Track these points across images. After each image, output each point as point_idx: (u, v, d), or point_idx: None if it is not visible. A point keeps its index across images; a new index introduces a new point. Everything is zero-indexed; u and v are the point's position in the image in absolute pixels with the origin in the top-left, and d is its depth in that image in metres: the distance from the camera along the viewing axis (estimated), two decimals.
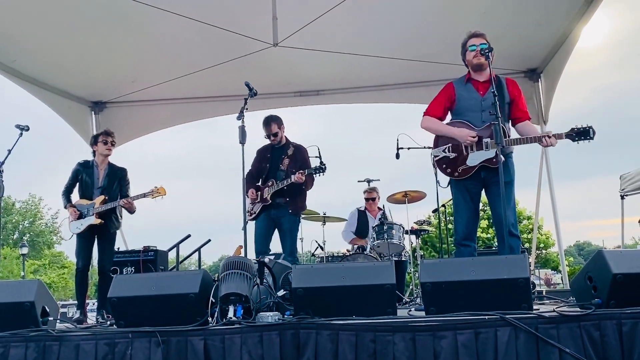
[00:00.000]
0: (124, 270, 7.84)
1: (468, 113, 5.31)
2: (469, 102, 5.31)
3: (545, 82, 9.07)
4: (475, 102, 5.28)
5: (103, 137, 6.90)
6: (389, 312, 4.02)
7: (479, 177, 5.22)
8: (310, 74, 9.30)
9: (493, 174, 5.07)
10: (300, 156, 7.00)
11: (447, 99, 5.41)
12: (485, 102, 5.16)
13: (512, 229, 5.01)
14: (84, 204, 6.74)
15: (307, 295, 4.12)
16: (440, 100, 5.45)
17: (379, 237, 7.94)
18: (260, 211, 6.96)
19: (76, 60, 8.44)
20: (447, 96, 5.42)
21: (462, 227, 5.30)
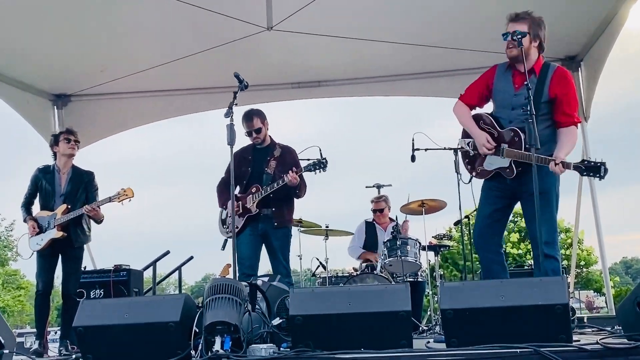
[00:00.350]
0: (92, 293, 7.83)
1: (500, 109, 5.37)
2: (502, 95, 5.35)
3: (587, 71, 9.07)
4: (507, 96, 5.30)
5: (65, 135, 6.93)
6: (404, 344, 4.02)
7: (505, 182, 5.26)
8: (311, 63, 9.32)
9: (524, 182, 5.10)
10: (289, 158, 6.86)
11: (485, 87, 5.45)
12: (516, 99, 5.18)
13: (547, 249, 4.98)
14: (45, 216, 6.75)
15: (307, 325, 4.12)
16: (478, 86, 5.49)
17: (392, 253, 7.94)
18: (243, 225, 6.78)
19: (35, 46, 8.43)
20: (485, 84, 5.45)
21: (476, 234, 5.51)
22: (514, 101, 5.23)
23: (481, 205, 5.47)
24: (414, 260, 7.93)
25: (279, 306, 5.09)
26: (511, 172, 5.12)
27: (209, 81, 9.63)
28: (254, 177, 6.82)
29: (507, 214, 5.53)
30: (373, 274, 7.97)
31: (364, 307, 4.12)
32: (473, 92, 5.50)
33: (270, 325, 4.66)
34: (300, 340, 4.10)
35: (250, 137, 6.90)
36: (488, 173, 5.32)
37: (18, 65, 8.95)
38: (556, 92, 5.19)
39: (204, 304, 4.30)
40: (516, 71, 5.27)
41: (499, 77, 5.37)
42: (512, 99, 5.25)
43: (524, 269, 9.18)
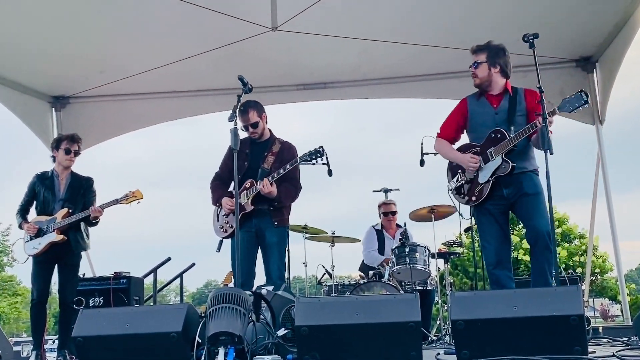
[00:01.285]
0: (91, 301, 7.84)
1: (482, 129, 5.75)
2: (482, 117, 5.79)
3: (602, 73, 9.06)
4: (488, 116, 5.75)
5: (67, 143, 6.90)
6: (413, 356, 4.02)
7: (501, 195, 5.61)
8: (316, 64, 9.33)
9: (516, 190, 5.54)
10: (289, 155, 6.61)
11: (461, 117, 5.93)
12: (498, 116, 5.68)
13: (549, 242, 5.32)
14: (43, 220, 6.76)
15: (313, 335, 4.12)
16: (453, 120, 5.99)
17: (400, 261, 7.93)
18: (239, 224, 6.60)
19: (32, 47, 8.45)
20: (460, 114, 5.93)
21: (491, 254, 5.68)
22: (496, 118, 5.68)
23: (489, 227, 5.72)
24: (423, 268, 7.91)
25: (284, 316, 5.09)
26: (507, 165, 5.47)
27: (212, 83, 9.65)
28: (250, 172, 6.59)
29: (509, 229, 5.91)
30: (381, 282, 7.95)
31: (372, 317, 4.12)
32: (450, 126, 5.98)
33: (275, 335, 4.66)
34: (306, 351, 4.10)
35: (247, 132, 6.69)
36: (487, 187, 5.60)
37: (15, 66, 8.96)
38: (531, 104, 5.58)
39: (207, 314, 4.31)
40: (489, 95, 5.80)
41: (474, 104, 5.87)
42: (495, 117, 5.70)
43: None
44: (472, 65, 5.79)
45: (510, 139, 5.45)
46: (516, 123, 5.56)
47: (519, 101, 5.69)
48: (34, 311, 6.71)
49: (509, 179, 5.53)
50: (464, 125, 5.92)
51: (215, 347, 4.13)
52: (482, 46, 5.80)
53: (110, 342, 4.25)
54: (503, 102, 5.68)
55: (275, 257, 6.56)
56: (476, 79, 5.79)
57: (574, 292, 3.97)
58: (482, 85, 5.78)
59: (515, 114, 5.62)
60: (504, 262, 5.65)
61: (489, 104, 5.77)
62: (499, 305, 3.97)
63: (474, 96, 5.91)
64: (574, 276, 8.95)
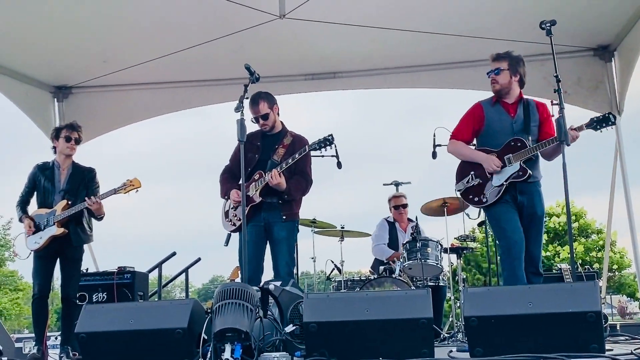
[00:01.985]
0: (94, 296, 7.86)
1: (500, 136, 6.04)
2: (500, 124, 6.09)
3: (620, 62, 9.01)
4: (506, 124, 6.06)
5: (66, 131, 6.94)
6: (425, 353, 4.03)
7: (515, 199, 5.91)
8: (325, 53, 9.30)
9: (530, 202, 5.88)
10: (300, 147, 6.54)
11: (477, 121, 6.20)
12: (516, 125, 6.01)
13: (540, 268, 5.80)
14: (43, 213, 6.78)
15: (322, 332, 4.13)
16: (469, 123, 6.25)
17: (411, 256, 7.93)
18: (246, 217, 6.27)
19: (34, 36, 8.46)
20: (477, 118, 6.20)
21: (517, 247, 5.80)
22: (515, 127, 6.01)
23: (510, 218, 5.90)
24: (435, 263, 7.91)
25: (292, 312, 5.10)
26: (524, 172, 5.78)
27: (218, 73, 9.64)
28: (259, 165, 6.58)
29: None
30: (391, 277, 7.95)
31: (383, 314, 4.13)
32: (466, 130, 6.26)
33: (283, 332, 4.68)
34: (314, 348, 4.12)
35: (258, 124, 6.68)
36: (499, 190, 5.89)
37: (16, 56, 8.97)
38: (544, 116, 6.08)
39: (213, 310, 4.32)
40: (504, 102, 6.13)
41: (489, 111, 6.16)
42: (513, 125, 6.02)
43: (553, 272, 9.12)
44: (494, 71, 6.06)
45: (531, 148, 5.77)
46: (532, 132, 5.93)
47: (532, 112, 6.04)
48: (35, 306, 6.74)
49: (524, 187, 5.86)
50: (479, 130, 6.19)
51: (221, 344, 4.15)
52: (503, 54, 6.11)
53: (114, 339, 4.28)
54: (519, 111, 6.02)
55: (283, 252, 6.55)
56: (497, 85, 6.06)
57: (590, 288, 3.97)
58: (502, 92, 6.08)
59: (531, 124, 5.98)
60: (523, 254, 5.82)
61: (506, 112, 6.08)
62: (513, 301, 3.97)
63: (489, 102, 6.20)
64: (591, 272, 8.91)
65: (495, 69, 6.06)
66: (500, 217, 5.99)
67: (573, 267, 5.57)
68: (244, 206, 5.62)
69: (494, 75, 6.06)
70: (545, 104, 6.17)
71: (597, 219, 38.62)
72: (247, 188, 6.38)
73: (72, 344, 6.40)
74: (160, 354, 4.17)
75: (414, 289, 7.01)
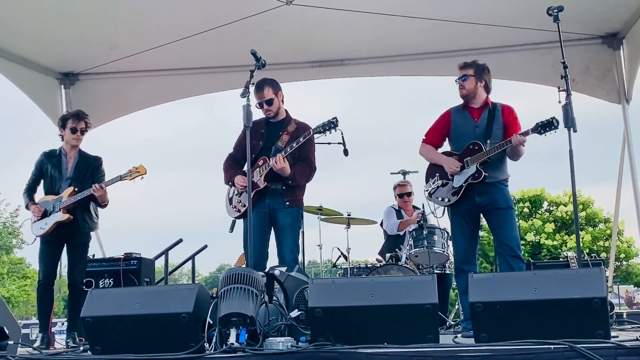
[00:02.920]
0: (101, 282, 7.90)
1: (462, 139, 6.43)
2: (464, 128, 6.48)
3: (629, 50, 8.97)
4: (469, 128, 6.44)
5: (73, 122, 6.93)
6: (430, 339, 4.04)
7: (474, 201, 6.29)
8: (332, 40, 9.28)
9: (488, 200, 6.25)
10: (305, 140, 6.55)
11: (444, 126, 6.62)
12: (478, 129, 6.39)
13: (518, 252, 6.14)
14: (49, 200, 6.80)
15: (328, 317, 4.14)
16: (437, 127, 6.67)
17: (417, 244, 7.94)
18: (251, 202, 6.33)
19: (41, 22, 8.45)
20: (445, 123, 6.62)
21: (460, 252, 6.40)
22: (477, 131, 6.38)
23: (459, 228, 6.41)
24: (441, 251, 7.93)
25: (297, 298, 5.11)
26: (479, 174, 6.16)
27: (225, 59, 9.62)
28: (264, 152, 6.62)
29: (478, 230, 6.66)
30: (398, 265, 7.98)
31: (388, 299, 4.14)
32: (435, 134, 6.67)
33: (288, 317, 4.69)
34: (319, 333, 4.12)
35: (262, 109, 6.72)
36: (459, 191, 6.30)
37: (23, 42, 8.98)
38: (509, 120, 6.40)
39: (219, 295, 4.33)
40: (471, 108, 6.49)
41: (456, 116, 6.56)
42: (475, 129, 6.39)
43: (559, 261, 9.11)
44: (461, 78, 6.42)
45: (486, 151, 6.17)
46: (493, 136, 6.29)
47: (497, 115, 6.40)
48: (40, 292, 6.77)
49: (482, 188, 6.24)
50: (447, 134, 6.61)
51: (226, 329, 4.16)
52: (470, 63, 6.49)
53: (120, 323, 4.29)
54: (483, 116, 6.40)
55: (288, 239, 6.59)
56: (463, 90, 6.42)
57: (596, 274, 3.96)
58: (468, 97, 6.44)
59: (493, 128, 6.33)
60: (471, 259, 6.33)
61: (470, 117, 6.47)
62: (519, 287, 3.97)
63: (458, 108, 6.58)
64: (597, 260, 8.91)
65: (463, 75, 6.41)
66: (452, 223, 6.50)
67: (579, 255, 5.55)
68: (249, 191, 5.63)
69: (461, 81, 6.42)
70: (511, 108, 6.50)
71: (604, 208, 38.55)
72: (252, 174, 6.38)
73: (79, 330, 6.44)
74: (166, 338, 4.17)
75: (420, 275, 7.02)
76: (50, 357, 4.54)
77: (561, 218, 37.89)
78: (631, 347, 3.55)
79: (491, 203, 6.24)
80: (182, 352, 4.06)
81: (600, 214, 38.30)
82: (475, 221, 6.44)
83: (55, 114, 9.53)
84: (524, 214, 37.79)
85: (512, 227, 6.26)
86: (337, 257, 8.98)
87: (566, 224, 37.67)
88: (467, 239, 6.38)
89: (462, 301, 6.44)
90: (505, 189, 6.37)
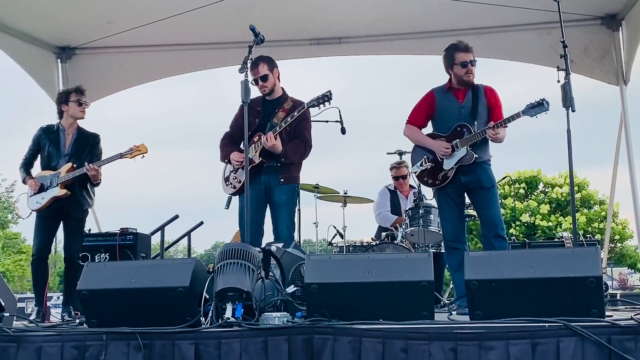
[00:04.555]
0: (97, 257, 7.90)
1: (448, 121, 6.45)
2: (449, 110, 6.49)
3: (628, 31, 8.94)
4: (455, 110, 6.45)
5: (76, 95, 6.91)
6: (425, 315, 4.05)
7: (459, 181, 6.35)
8: (331, 17, 9.24)
9: (473, 179, 6.31)
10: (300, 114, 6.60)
11: (429, 107, 6.60)
12: (464, 110, 6.40)
13: (501, 231, 6.23)
14: (47, 175, 6.79)
15: (323, 293, 4.15)
16: (422, 109, 6.63)
17: (413, 223, 7.95)
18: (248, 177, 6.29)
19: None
20: (429, 105, 6.59)
21: (449, 232, 6.47)
22: (462, 112, 6.39)
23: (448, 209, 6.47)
24: (437, 230, 7.93)
25: (293, 273, 5.12)
26: (471, 157, 6.20)
27: (222, 35, 9.59)
28: (259, 128, 6.65)
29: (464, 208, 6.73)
30: (393, 244, 7.99)
31: (384, 276, 4.15)
32: (419, 115, 6.63)
33: (285, 293, 4.70)
34: (315, 309, 4.14)
35: (257, 86, 6.73)
36: (449, 173, 6.33)
37: (20, 15, 8.92)
38: (492, 102, 6.45)
39: (215, 269, 4.35)
40: (455, 89, 6.47)
41: (441, 97, 6.53)
42: (461, 110, 6.40)
43: (554, 241, 9.14)
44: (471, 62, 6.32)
45: (475, 134, 6.20)
46: (480, 116, 6.32)
47: (480, 97, 6.40)
48: (34, 267, 6.77)
49: (467, 168, 6.27)
50: (432, 115, 6.59)
51: (223, 303, 4.18)
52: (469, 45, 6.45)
53: (116, 296, 4.29)
54: (467, 97, 6.39)
55: (284, 216, 6.63)
56: (471, 76, 6.36)
57: (592, 253, 3.97)
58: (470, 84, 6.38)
59: (479, 109, 6.35)
60: (461, 237, 6.42)
61: (455, 98, 6.45)
62: (515, 265, 3.98)
63: (441, 89, 6.54)
64: (592, 240, 8.92)
65: (474, 59, 6.36)
66: (439, 204, 6.62)
67: (575, 235, 5.59)
68: (247, 167, 5.65)
69: (471, 66, 6.34)
70: (493, 90, 6.50)
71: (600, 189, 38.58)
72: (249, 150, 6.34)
73: (74, 304, 6.45)
74: (162, 312, 4.18)
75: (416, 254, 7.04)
76: (46, 329, 4.54)
77: (556, 199, 37.91)
78: (625, 326, 3.57)
79: (476, 182, 6.31)
80: (178, 326, 4.08)
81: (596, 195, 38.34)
82: (461, 200, 6.52)
83: (52, 88, 9.51)
84: (519, 194, 37.83)
85: (495, 207, 6.34)
86: (332, 235, 8.98)
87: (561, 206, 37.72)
88: (455, 218, 6.44)
89: (454, 279, 6.44)
90: (489, 168, 6.44)
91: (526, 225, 36.47)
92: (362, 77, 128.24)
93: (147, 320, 4.15)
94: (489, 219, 6.26)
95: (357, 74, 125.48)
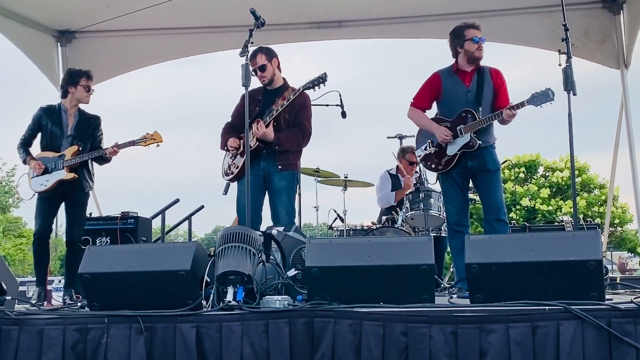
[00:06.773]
0: (97, 241, 7.92)
1: (454, 105, 6.38)
2: (455, 93, 6.41)
3: (629, 15, 8.90)
4: (461, 93, 6.37)
5: (85, 80, 6.88)
6: (426, 299, 4.06)
7: (465, 166, 6.32)
8: (331, 1, 9.22)
9: (480, 162, 6.28)
10: (299, 101, 6.69)
11: (434, 90, 6.52)
12: (470, 94, 6.33)
13: (502, 215, 6.23)
14: (50, 157, 6.77)
15: (324, 277, 4.16)
16: (426, 91, 6.57)
17: (414, 207, 7.95)
18: (243, 166, 6.38)
19: None
20: (434, 88, 6.52)
21: (453, 215, 6.47)
22: (469, 96, 6.31)
23: (452, 192, 6.45)
24: (437, 214, 7.93)
25: (294, 257, 5.13)
26: (475, 143, 6.15)
27: (223, 19, 9.55)
28: (259, 116, 6.68)
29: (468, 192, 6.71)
30: (394, 227, 7.99)
31: (385, 259, 4.15)
32: (424, 97, 6.57)
33: (285, 276, 4.71)
34: (316, 292, 4.15)
35: (257, 76, 6.76)
36: (454, 158, 6.29)
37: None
38: (498, 84, 6.39)
39: (216, 253, 4.35)
40: (462, 71, 6.40)
41: (447, 80, 6.45)
42: (467, 94, 6.32)
43: (554, 225, 9.14)
44: (482, 39, 6.25)
45: (480, 120, 6.14)
46: (484, 101, 6.26)
47: (486, 79, 6.34)
48: (35, 247, 6.78)
49: (474, 153, 6.22)
50: (437, 98, 6.53)
51: (224, 287, 4.20)
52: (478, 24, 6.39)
53: (117, 279, 4.31)
54: (474, 80, 6.32)
55: (283, 201, 6.66)
56: (481, 52, 6.29)
57: (592, 237, 3.98)
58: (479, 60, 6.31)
59: (484, 93, 6.28)
60: (464, 220, 6.42)
61: (461, 81, 6.38)
62: (515, 249, 3.98)
63: (448, 72, 6.48)
64: (593, 224, 8.93)
65: (483, 36, 6.26)
66: (444, 189, 6.59)
67: (576, 219, 5.59)
68: (247, 153, 5.65)
69: (482, 43, 6.27)
70: (499, 71, 6.44)
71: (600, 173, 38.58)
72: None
73: (76, 287, 6.46)
74: (163, 296, 4.19)
75: (417, 237, 7.05)
76: (48, 312, 4.55)
77: (557, 184, 37.93)
78: (625, 309, 3.59)
79: (482, 165, 6.27)
80: (179, 309, 4.09)
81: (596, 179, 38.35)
82: (466, 185, 6.51)
83: (52, 72, 9.50)
84: (519, 179, 37.83)
85: (498, 190, 6.33)
86: (333, 219, 8.99)
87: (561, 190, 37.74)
88: (459, 202, 6.43)
89: (456, 262, 6.45)
90: (494, 151, 6.40)
91: (526, 209, 36.51)
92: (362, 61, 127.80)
93: (149, 304, 4.16)
94: (493, 202, 6.24)
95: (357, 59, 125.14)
